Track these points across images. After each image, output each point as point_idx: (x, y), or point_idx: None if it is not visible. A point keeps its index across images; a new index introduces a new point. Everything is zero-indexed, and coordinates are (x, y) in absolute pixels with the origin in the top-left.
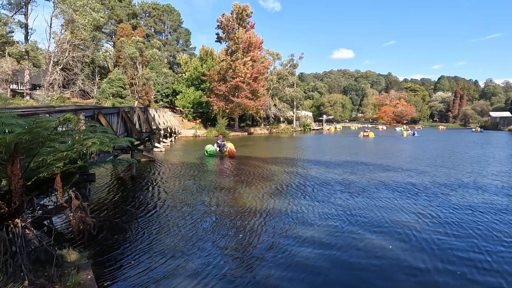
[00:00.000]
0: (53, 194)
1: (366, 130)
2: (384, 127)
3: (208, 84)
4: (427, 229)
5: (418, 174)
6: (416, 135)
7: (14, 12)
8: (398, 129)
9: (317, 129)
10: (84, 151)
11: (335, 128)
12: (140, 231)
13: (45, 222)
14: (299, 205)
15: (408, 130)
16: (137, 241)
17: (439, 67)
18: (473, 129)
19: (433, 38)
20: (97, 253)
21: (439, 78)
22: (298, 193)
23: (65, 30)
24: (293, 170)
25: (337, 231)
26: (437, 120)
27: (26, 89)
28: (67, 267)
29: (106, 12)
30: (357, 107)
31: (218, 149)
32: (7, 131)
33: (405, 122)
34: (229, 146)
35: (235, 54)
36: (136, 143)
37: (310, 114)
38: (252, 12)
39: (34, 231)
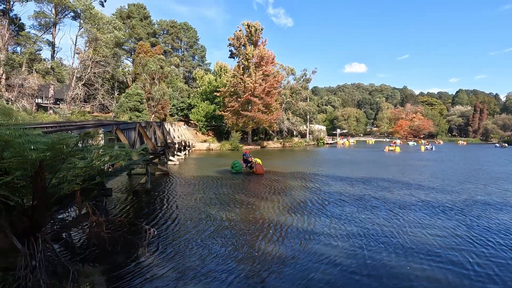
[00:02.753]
0: (72, 209)
1: (392, 144)
2: (400, 142)
3: (222, 99)
4: (485, 257)
5: (456, 192)
6: (434, 149)
7: (43, 32)
8: (410, 143)
9: (331, 143)
10: (102, 167)
11: (349, 142)
12: (154, 247)
13: (63, 236)
14: (337, 226)
15: (426, 145)
16: (151, 258)
17: (456, 81)
18: (497, 144)
19: (450, 51)
20: (111, 269)
21: (457, 92)
22: (334, 211)
23: (89, 48)
24: (324, 187)
25: (383, 256)
26: (456, 134)
27: (50, 103)
28: (82, 282)
29: (127, 31)
30: (372, 121)
31: (245, 165)
32: (32, 148)
33: (422, 136)
34: (257, 161)
35: (247, 70)
36: (150, 157)
37: (324, 128)
38: (262, 29)
39: (53, 246)
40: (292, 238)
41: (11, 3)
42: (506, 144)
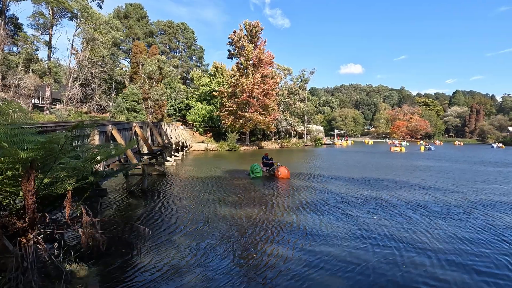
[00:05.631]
0: (64, 210)
1: (396, 144)
2: (399, 142)
3: (219, 100)
4: None
5: (473, 192)
6: (432, 150)
7: (41, 32)
8: (403, 143)
9: (328, 144)
10: (96, 167)
11: (347, 143)
12: (149, 247)
13: (56, 237)
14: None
15: (426, 145)
16: (146, 258)
17: (452, 82)
18: (493, 145)
19: (446, 53)
20: (105, 269)
21: (454, 93)
22: (359, 215)
23: (85, 48)
24: (340, 188)
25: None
26: (453, 135)
27: (47, 104)
28: (75, 283)
29: (124, 31)
30: (369, 121)
31: (265, 169)
32: (24, 148)
33: (419, 137)
34: (279, 165)
35: (245, 70)
36: (147, 157)
37: (321, 128)
38: (262, 29)
39: (45, 247)
40: (297, 241)
41: (7, 3)
42: (502, 145)
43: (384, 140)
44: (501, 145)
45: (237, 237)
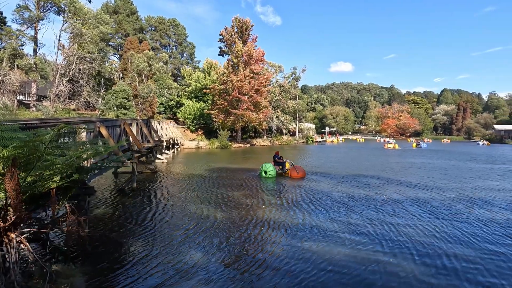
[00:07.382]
0: (50, 209)
1: (390, 142)
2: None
3: (211, 97)
4: None
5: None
6: (423, 147)
7: (26, 27)
8: (391, 141)
9: (319, 141)
10: (81, 164)
11: (338, 140)
12: (138, 247)
13: (41, 236)
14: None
15: (417, 142)
16: (135, 258)
17: (440, 80)
18: (479, 142)
19: (434, 52)
20: (92, 269)
21: (442, 91)
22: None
23: (73, 44)
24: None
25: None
26: (441, 133)
27: (33, 100)
28: (60, 283)
29: (114, 26)
30: (360, 119)
31: (277, 168)
32: (5, 145)
33: (408, 134)
34: (293, 164)
35: (236, 67)
36: (137, 155)
37: (313, 126)
38: (252, 26)
39: (29, 246)
40: (303, 241)
41: None
42: (488, 142)
43: (375, 138)
44: (486, 142)
45: (234, 237)
